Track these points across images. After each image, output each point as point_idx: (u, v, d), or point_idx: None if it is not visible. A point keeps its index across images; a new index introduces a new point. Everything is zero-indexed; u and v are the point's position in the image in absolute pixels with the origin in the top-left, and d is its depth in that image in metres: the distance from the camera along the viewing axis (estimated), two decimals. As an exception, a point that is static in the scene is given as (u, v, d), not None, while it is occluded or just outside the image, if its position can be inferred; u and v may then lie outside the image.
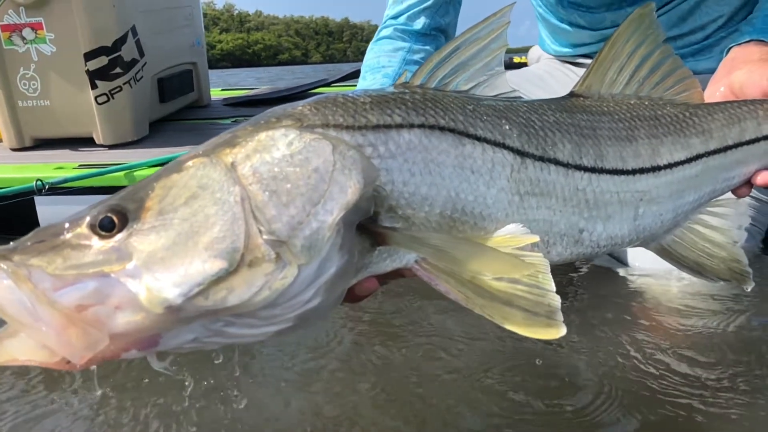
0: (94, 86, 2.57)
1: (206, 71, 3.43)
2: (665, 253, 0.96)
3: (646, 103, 0.94)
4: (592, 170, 0.83)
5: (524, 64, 2.38)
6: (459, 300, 0.68)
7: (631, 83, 0.94)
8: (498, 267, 0.68)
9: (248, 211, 0.62)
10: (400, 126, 0.72)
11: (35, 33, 2.53)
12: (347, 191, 0.64)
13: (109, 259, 0.60)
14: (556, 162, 0.80)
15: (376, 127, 0.71)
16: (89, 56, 2.53)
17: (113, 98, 2.60)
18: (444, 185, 0.73)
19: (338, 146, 0.66)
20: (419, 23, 1.82)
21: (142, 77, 2.72)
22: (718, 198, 0.98)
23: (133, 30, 2.64)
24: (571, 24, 1.81)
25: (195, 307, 0.60)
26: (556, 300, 0.67)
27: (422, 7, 1.81)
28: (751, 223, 1.34)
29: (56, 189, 1.98)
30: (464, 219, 0.75)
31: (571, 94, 0.93)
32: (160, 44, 2.88)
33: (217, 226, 0.61)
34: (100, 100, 2.59)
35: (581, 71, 1.87)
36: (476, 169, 0.75)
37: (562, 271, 1.55)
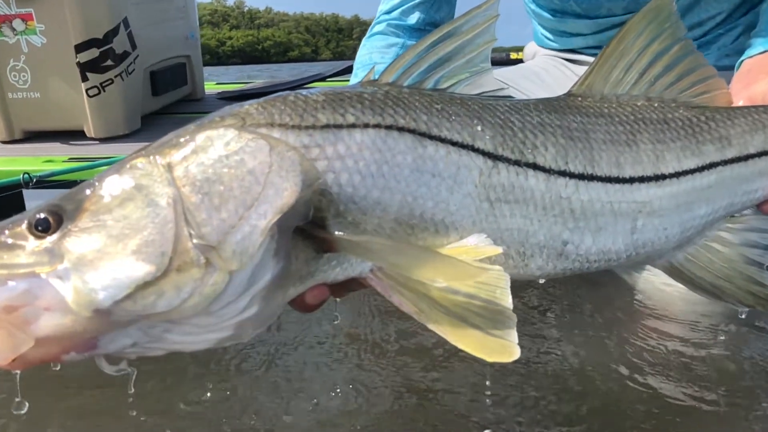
0: (85, 78, 2.53)
1: (200, 64, 3.39)
2: (676, 273, 0.86)
3: (656, 105, 0.85)
4: (580, 177, 0.75)
5: (521, 60, 2.32)
6: (413, 314, 0.63)
7: (640, 83, 0.85)
8: (452, 280, 0.63)
9: (180, 214, 0.60)
10: (352, 126, 0.67)
11: (25, 24, 2.50)
12: (283, 194, 0.61)
13: (42, 260, 0.59)
14: (536, 167, 0.73)
15: (325, 127, 0.66)
16: (80, 48, 2.50)
17: (104, 91, 2.56)
18: (399, 189, 0.68)
19: (276, 147, 0.63)
20: (413, 18, 1.77)
21: (134, 70, 2.68)
22: (739, 213, 0.88)
23: (125, 22, 2.60)
24: (565, 14, 1.76)
25: (124, 311, 0.58)
26: (512, 319, 0.62)
27: (417, 1, 1.77)
28: None
29: (44, 182, 1.95)
30: (423, 226, 0.69)
31: (569, 95, 0.85)
32: (152, 37, 2.84)
33: (148, 229, 0.59)
34: (91, 92, 2.55)
35: (577, 68, 1.82)
36: (438, 172, 0.69)
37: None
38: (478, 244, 0.69)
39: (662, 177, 0.80)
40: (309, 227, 0.64)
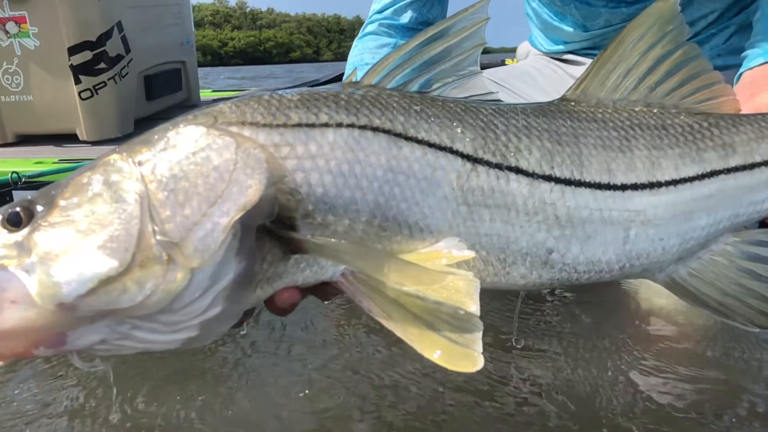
0: (77, 81, 2.52)
1: (195, 71, 3.38)
2: (679, 289, 0.82)
3: (655, 110, 0.81)
4: (567, 182, 0.72)
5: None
6: (381, 320, 0.62)
7: (639, 88, 0.81)
8: (421, 285, 0.62)
9: (146, 210, 0.60)
10: (325, 125, 0.66)
11: (18, 27, 2.48)
12: (247, 192, 0.61)
13: (10, 254, 0.60)
14: (518, 171, 0.71)
15: (297, 126, 0.66)
16: (73, 51, 2.48)
17: (97, 94, 2.55)
18: (372, 190, 0.66)
19: (243, 144, 0.63)
20: (406, 17, 1.75)
21: (127, 73, 2.66)
22: (748, 227, 0.83)
23: (119, 25, 2.59)
24: (564, 19, 1.74)
25: (88, 306, 0.59)
26: (478, 327, 0.61)
27: (409, 0, 1.74)
28: None
29: (32, 182, 1.94)
30: (397, 229, 0.67)
31: (562, 99, 0.82)
32: (147, 41, 2.82)
33: (114, 224, 0.60)
34: (83, 95, 2.53)
35: (570, 68, 1.80)
36: (413, 174, 0.68)
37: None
38: (450, 249, 0.67)
39: (658, 185, 0.76)
40: (275, 227, 0.64)
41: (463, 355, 0.60)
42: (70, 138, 2.60)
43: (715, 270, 0.81)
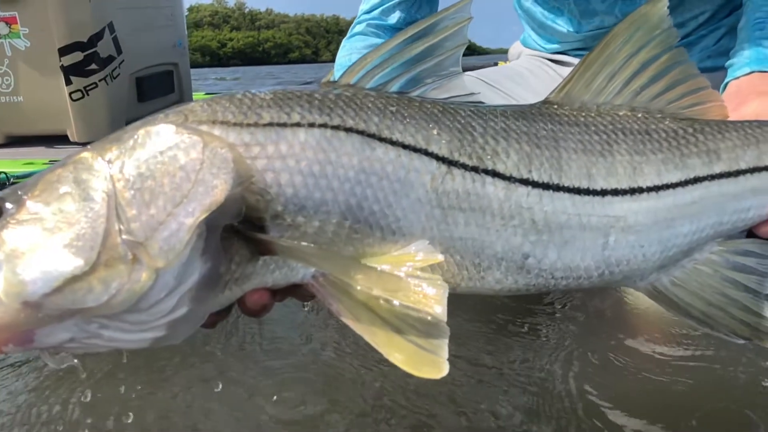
0: (68, 82, 2.51)
1: (188, 73, 3.37)
2: (661, 298, 0.80)
3: (639, 115, 0.80)
4: (545, 186, 0.71)
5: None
6: (350, 324, 0.62)
7: (624, 92, 0.80)
8: (390, 288, 0.62)
9: (112, 209, 0.60)
10: (296, 125, 0.66)
11: (9, 27, 2.48)
12: (212, 192, 0.60)
13: None
14: (495, 174, 0.70)
15: (268, 125, 0.65)
16: (64, 51, 2.48)
17: (88, 95, 2.54)
18: (343, 191, 0.65)
19: (210, 144, 0.62)
20: (394, 17, 1.74)
21: (119, 74, 2.66)
22: (733, 235, 0.82)
23: (111, 26, 2.58)
24: (558, 17, 1.73)
25: (54, 305, 0.59)
26: (445, 333, 0.60)
27: (397, 0, 1.74)
28: None
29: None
30: (368, 231, 0.66)
31: (544, 102, 0.80)
32: (139, 43, 2.82)
33: (80, 223, 0.60)
34: (74, 96, 2.53)
35: (562, 69, 1.78)
36: (386, 175, 0.67)
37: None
38: (420, 252, 0.66)
39: (639, 190, 0.75)
40: (243, 228, 0.63)
41: (429, 361, 0.59)
42: (61, 139, 2.60)
43: (699, 279, 0.80)
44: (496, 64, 2.91)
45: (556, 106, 0.79)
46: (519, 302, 1.37)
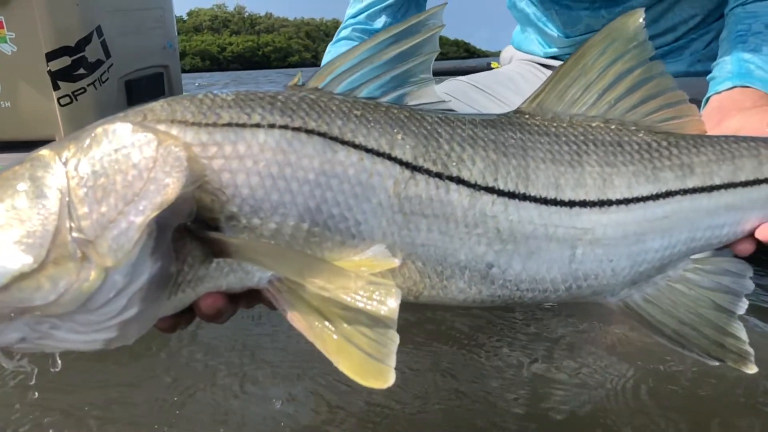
0: (56, 87, 2.49)
1: (179, 75, 3.35)
2: (633, 315, 0.78)
3: (612, 127, 0.78)
4: (511, 195, 0.70)
5: (498, 69, 2.28)
6: (304, 331, 0.62)
7: (598, 104, 0.79)
8: (343, 293, 0.61)
9: (65, 206, 0.60)
10: (256, 126, 0.65)
11: (-5, 32, 2.45)
12: (164, 191, 0.60)
13: None
14: (460, 181, 0.69)
15: (227, 125, 0.65)
16: (51, 56, 2.45)
17: (77, 100, 2.52)
18: (302, 193, 0.65)
19: (164, 142, 0.62)
20: (380, 22, 1.73)
21: (107, 79, 2.64)
22: (709, 252, 0.80)
23: (99, 30, 2.56)
24: (548, 22, 1.72)
25: (2, 303, 0.59)
26: (394, 341, 0.60)
27: (383, 5, 1.72)
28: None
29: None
30: (326, 234, 0.66)
31: (516, 111, 0.79)
32: (128, 45, 2.79)
33: (33, 220, 0.60)
34: (63, 101, 2.50)
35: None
36: (347, 179, 0.66)
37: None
38: (376, 256, 0.66)
39: (608, 203, 0.73)
40: (196, 228, 0.63)
41: (376, 370, 0.59)
42: (49, 145, 2.57)
43: (672, 297, 0.78)
44: (489, 65, 2.90)
45: (527, 116, 0.78)
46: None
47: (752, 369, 0.75)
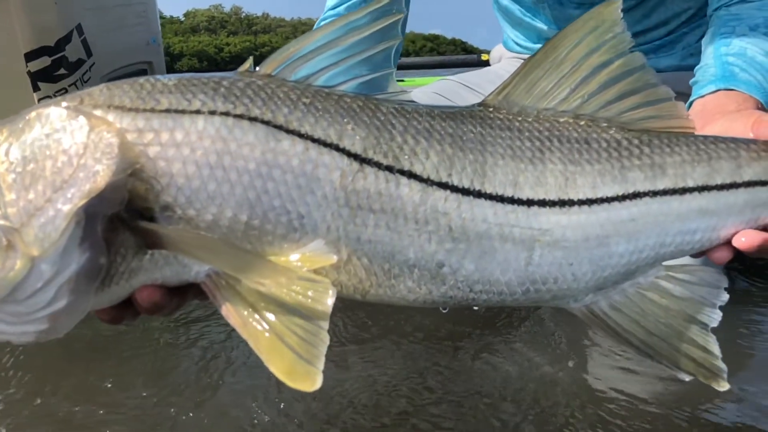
0: (36, 89, 2.43)
1: (164, 70, 3.30)
2: (598, 323, 0.74)
3: (582, 123, 0.74)
4: (465, 192, 0.67)
5: (488, 63, 2.27)
6: (237, 327, 0.60)
7: (570, 99, 0.74)
8: (276, 289, 0.59)
9: None
10: (196, 112, 0.63)
11: (-28, 33, 2.40)
12: (93, 178, 0.58)
13: None
14: (411, 175, 0.66)
15: (165, 112, 0.63)
16: (30, 57, 2.39)
17: (57, 101, 2.46)
18: (241, 183, 0.62)
19: (97, 128, 0.60)
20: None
21: (90, 78, 2.58)
22: (682, 259, 0.76)
23: (79, 29, 2.50)
24: (536, 16, 1.70)
25: None
26: (324, 342, 0.58)
27: None
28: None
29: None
30: (267, 227, 0.63)
31: (480, 104, 0.75)
32: (110, 43, 2.74)
33: None
34: (43, 103, 2.45)
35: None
36: (290, 169, 0.63)
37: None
38: (314, 252, 0.63)
39: (570, 203, 0.69)
40: (128, 218, 0.61)
41: (305, 373, 0.57)
42: (31, 147, 2.52)
43: (642, 305, 0.73)
44: (479, 57, 2.88)
45: (491, 109, 0.74)
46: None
47: (724, 386, 0.71)
